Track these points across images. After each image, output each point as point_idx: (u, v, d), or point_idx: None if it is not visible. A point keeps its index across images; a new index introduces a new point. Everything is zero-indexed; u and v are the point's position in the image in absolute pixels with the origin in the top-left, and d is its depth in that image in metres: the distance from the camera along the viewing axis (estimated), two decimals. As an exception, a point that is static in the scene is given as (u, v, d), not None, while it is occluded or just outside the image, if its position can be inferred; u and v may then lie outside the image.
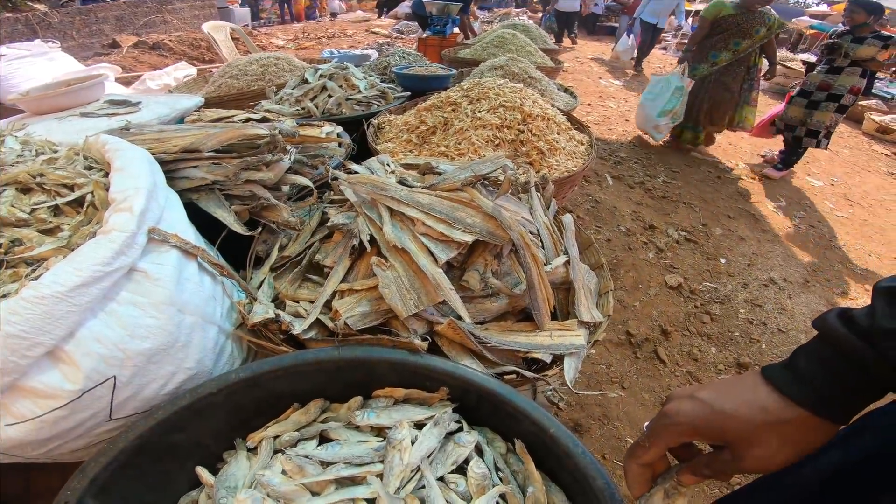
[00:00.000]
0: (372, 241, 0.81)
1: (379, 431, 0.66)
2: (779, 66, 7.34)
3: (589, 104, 4.90)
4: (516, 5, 11.42)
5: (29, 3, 8.02)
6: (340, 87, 1.76)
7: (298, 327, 0.73)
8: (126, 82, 4.90)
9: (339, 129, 1.49)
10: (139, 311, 0.63)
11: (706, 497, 1.50)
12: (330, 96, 1.73)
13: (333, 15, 13.45)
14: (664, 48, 10.11)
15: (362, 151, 1.51)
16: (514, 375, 0.73)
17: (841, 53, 3.60)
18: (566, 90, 2.47)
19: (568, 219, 0.99)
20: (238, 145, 1.03)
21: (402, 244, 0.77)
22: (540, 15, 12.72)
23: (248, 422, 0.68)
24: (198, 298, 0.73)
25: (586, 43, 9.95)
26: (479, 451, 0.65)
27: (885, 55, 3.56)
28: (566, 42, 8.97)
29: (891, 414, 0.49)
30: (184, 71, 4.71)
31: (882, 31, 3.47)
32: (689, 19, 13.69)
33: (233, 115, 1.30)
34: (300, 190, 1.11)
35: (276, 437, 0.65)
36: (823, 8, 14.94)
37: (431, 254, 0.76)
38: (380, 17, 11.57)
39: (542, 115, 1.49)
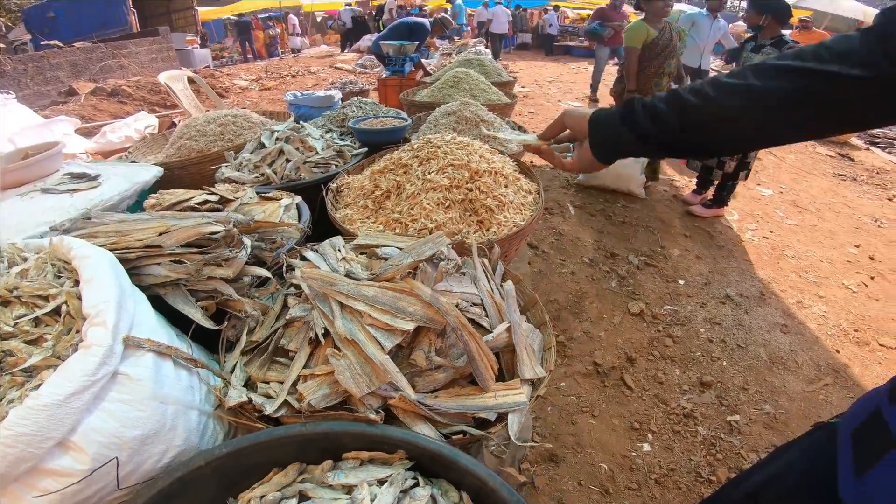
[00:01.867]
0: (326, 332, 0.87)
1: (350, 489, 0.77)
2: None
3: (548, 130, 5.09)
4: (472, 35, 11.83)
5: None
6: (297, 149, 1.81)
7: (269, 408, 0.84)
8: (87, 133, 4.84)
9: (298, 199, 1.54)
10: (127, 406, 0.77)
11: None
12: (288, 160, 1.78)
13: (296, 51, 13.62)
14: (617, 64, 10.66)
15: (323, 217, 1.56)
16: (461, 435, 0.83)
17: (742, 63, 3.36)
18: (520, 128, 2.59)
19: (509, 286, 1.06)
20: (198, 240, 1.07)
21: (353, 336, 0.84)
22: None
23: (238, 485, 0.80)
24: (176, 390, 0.86)
25: (545, 64, 10.35)
26: (435, 501, 0.75)
27: None
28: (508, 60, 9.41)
29: (795, 447, 0.64)
30: (144, 121, 4.69)
31: (785, 36, 3.10)
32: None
33: (191, 198, 1.33)
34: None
35: (262, 497, 0.75)
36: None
37: (379, 342, 0.83)
38: (343, 51, 11.78)
39: (490, 169, 1.56)
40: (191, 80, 4.61)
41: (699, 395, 2.00)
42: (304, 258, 1.09)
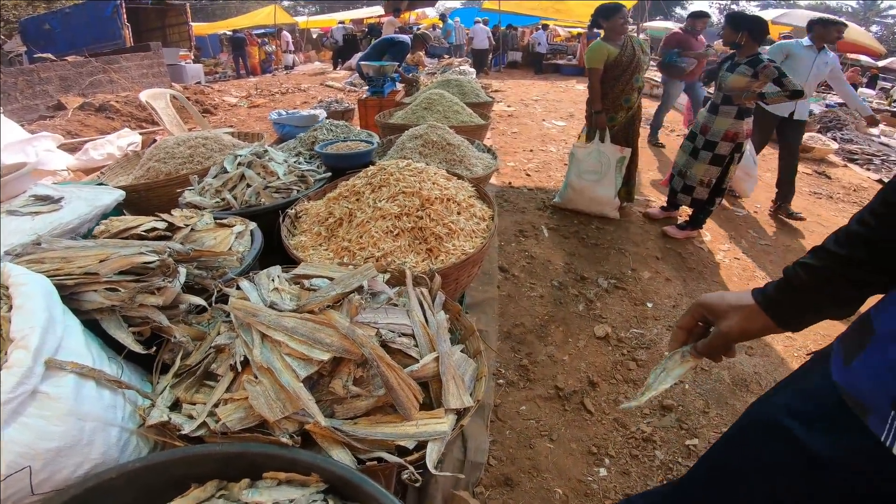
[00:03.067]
0: (246, 360, 0.90)
1: (262, 507, 0.80)
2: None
3: (531, 150, 5.16)
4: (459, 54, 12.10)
5: None
6: (259, 174, 1.84)
7: (187, 428, 0.88)
8: (71, 149, 4.85)
9: (253, 225, 1.56)
10: (45, 422, 0.82)
11: None
12: (249, 185, 1.80)
13: (289, 68, 13.78)
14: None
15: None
16: (376, 461, 0.85)
17: (718, 85, 3.12)
18: (488, 150, 2.63)
19: (440, 317, 1.08)
20: (135, 268, 1.09)
21: (269, 364, 0.86)
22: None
23: (161, 498, 0.82)
24: (97, 408, 0.91)
25: (533, 83, 10.54)
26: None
27: (757, 85, 2.87)
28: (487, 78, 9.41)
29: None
30: (127, 138, 4.71)
31: (761, 55, 2.91)
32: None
33: (138, 225, 1.35)
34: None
35: (179, 510, 0.79)
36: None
37: (295, 370, 0.85)
38: (335, 69, 11.95)
39: (441, 196, 1.59)
40: (176, 98, 4.66)
41: (659, 419, 2.01)
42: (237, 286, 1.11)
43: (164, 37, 11.92)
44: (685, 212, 4.05)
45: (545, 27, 14.65)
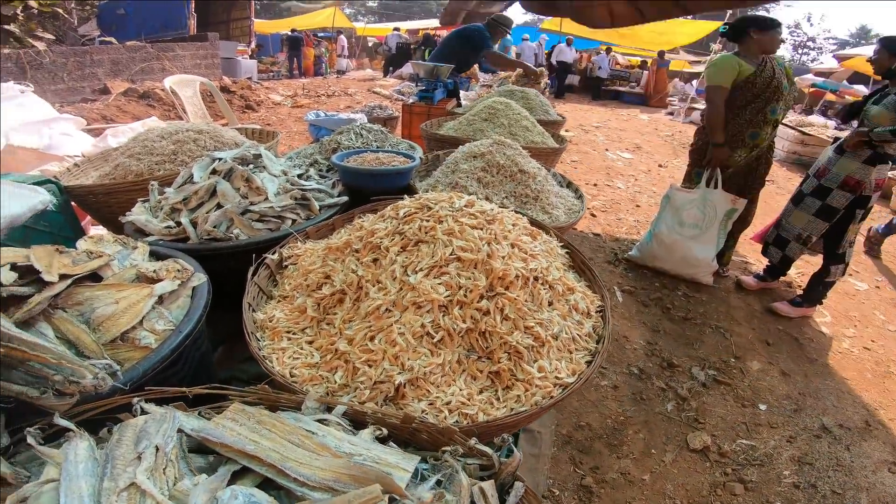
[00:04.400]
0: None
1: None
2: (796, 132, 6.57)
3: (595, 184, 4.40)
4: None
5: (31, 40, 7.85)
6: (238, 189, 1.21)
7: None
8: (97, 133, 4.53)
9: (199, 281, 0.92)
10: None
11: None
12: (219, 206, 1.17)
13: (341, 72, 13.62)
14: (670, 113, 9.86)
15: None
16: None
17: (860, 121, 2.53)
18: (569, 185, 1.93)
19: None
20: None
21: None
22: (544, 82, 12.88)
23: None
24: None
25: (591, 108, 9.80)
26: None
27: None
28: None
29: None
30: (149, 127, 4.31)
31: None
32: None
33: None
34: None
35: None
36: (832, 64, 14.49)
37: None
38: (385, 76, 11.64)
39: (525, 273, 0.88)
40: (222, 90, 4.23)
41: None
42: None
43: (227, 30, 11.92)
44: (795, 283, 3.21)
45: (608, 51, 13.88)
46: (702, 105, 9.60)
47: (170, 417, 0.55)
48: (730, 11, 8.18)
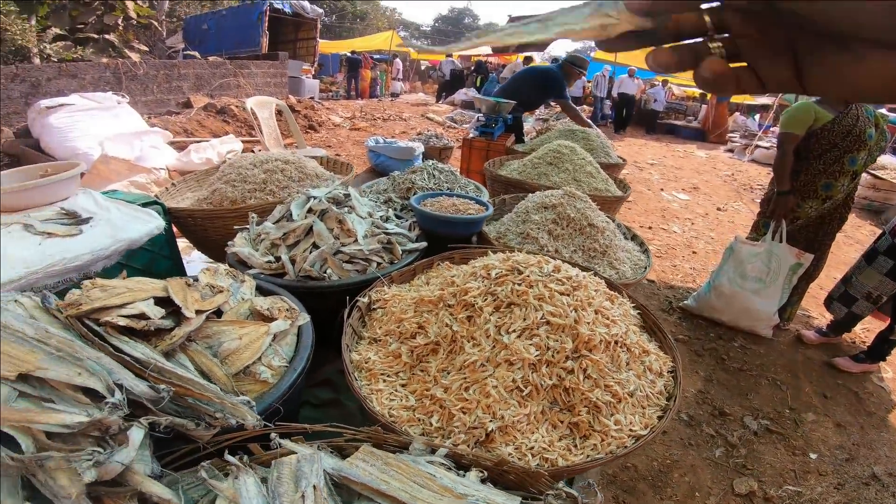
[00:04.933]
0: None
1: None
2: (867, 175, 6.14)
3: (649, 227, 4.32)
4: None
5: (127, 51, 8.61)
6: (332, 231, 1.32)
7: None
8: (181, 147, 4.94)
9: (303, 321, 1.01)
10: None
11: None
12: (316, 247, 1.28)
13: (395, 95, 14.15)
14: (730, 150, 9.44)
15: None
16: None
17: None
18: (633, 237, 1.94)
19: None
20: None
21: None
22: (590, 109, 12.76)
23: None
24: None
25: (645, 143, 9.61)
26: None
27: None
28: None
29: None
30: (228, 145, 4.65)
31: None
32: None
33: (124, 305, 0.84)
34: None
35: None
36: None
37: None
38: (437, 101, 11.97)
39: (608, 338, 0.94)
40: (280, 111, 4.54)
41: None
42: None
43: (294, 49, 12.54)
44: (858, 339, 3.03)
45: (664, 83, 13.58)
46: (766, 144, 9.19)
47: (318, 458, 0.62)
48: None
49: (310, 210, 1.37)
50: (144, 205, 1.71)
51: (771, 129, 11.96)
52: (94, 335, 0.79)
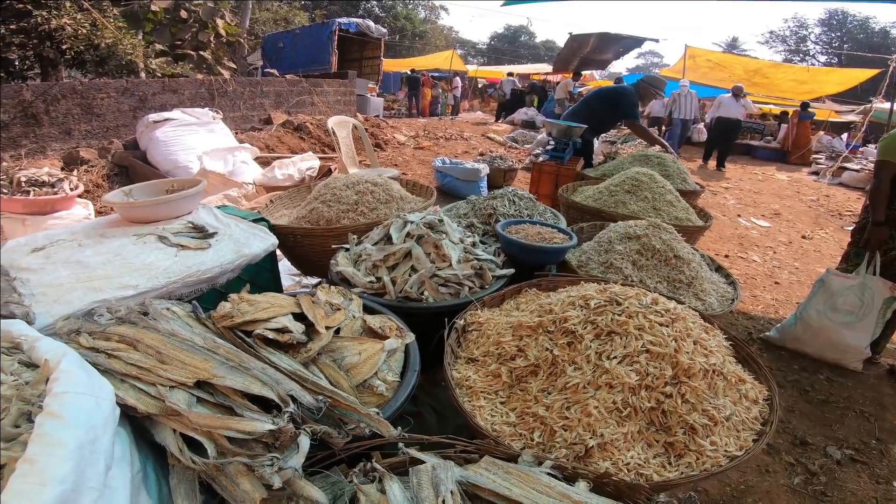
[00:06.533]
0: None
1: None
2: None
3: (726, 255, 4.09)
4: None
5: (219, 67, 9.41)
6: (428, 255, 1.42)
7: None
8: (264, 162, 5.37)
9: (411, 339, 1.10)
10: None
11: None
12: (414, 270, 1.38)
13: (455, 113, 14.46)
14: (815, 173, 8.72)
15: (438, 358, 1.11)
16: None
17: None
18: (718, 269, 1.89)
19: None
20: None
21: None
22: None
23: None
24: None
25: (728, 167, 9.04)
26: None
27: None
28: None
29: None
30: (308, 162, 5.00)
31: None
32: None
33: (269, 319, 0.97)
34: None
35: None
36: None
37: None
38: (497, 121, 12.07)
39: (706, 368, 0.98)
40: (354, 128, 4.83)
41: None
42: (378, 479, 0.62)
43: (360, 68, 12.99)
44: None
45: (737, 97, 12.77)
46: (855, 166, 8.39)
47: (450, 466, 0.70)
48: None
49: (408, 234, 1.49)
50: (254, 221, 1.91)
51: (860, 149, 10.90)
52: (247, 346, 0.93)
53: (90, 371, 0.74)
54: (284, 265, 2.33)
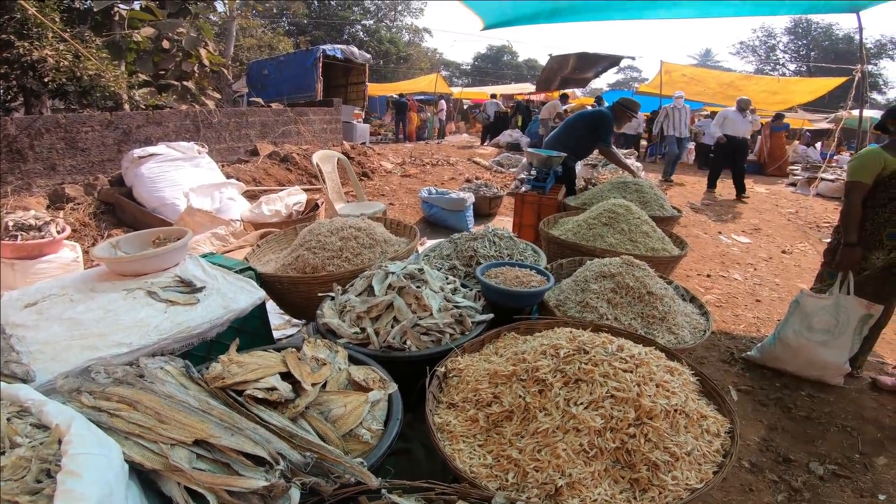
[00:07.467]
0: None
1: None
2: None
3: (707, 275, 4.20)
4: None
5: (203, 98, 9.35)
6: (410, 306, 1.48)
7: None
8: (251, 196, 5.39)
9: (393, 389, 1.16)
10: None
11: None
12: (396, 321, 1.44)
13: (441, 136, 14.72)
14: (792, 184, 8.92)
15: (420, 405, 1.16)
16: None
17: None
18: (692, 300, 1.97)
19: None
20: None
21: None
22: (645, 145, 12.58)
23: None
24: None
25: (697, 179, 9.34)
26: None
27: None
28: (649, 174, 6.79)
29: None
30: (294, 197, 5.05)
31: None
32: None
33: (258, 380, 1.02)
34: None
35: None
36: None
37: None
38: (482, 143, 12.32)
39: (668, 408, 1.06)
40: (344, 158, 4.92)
41: None
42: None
43: (345, 94, 12.76)
44: None
45: (713, 115, 13.20)
46: (831, 175, 8.65)
47: None
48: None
49: (389, 286, 1.55)
50: (240, 271, 1.96)
51: (835, 157, 11.21)
52: (239, 405, 0.98)
53: (98, 433, 0.80)
54: (273, 304, 2.38)
